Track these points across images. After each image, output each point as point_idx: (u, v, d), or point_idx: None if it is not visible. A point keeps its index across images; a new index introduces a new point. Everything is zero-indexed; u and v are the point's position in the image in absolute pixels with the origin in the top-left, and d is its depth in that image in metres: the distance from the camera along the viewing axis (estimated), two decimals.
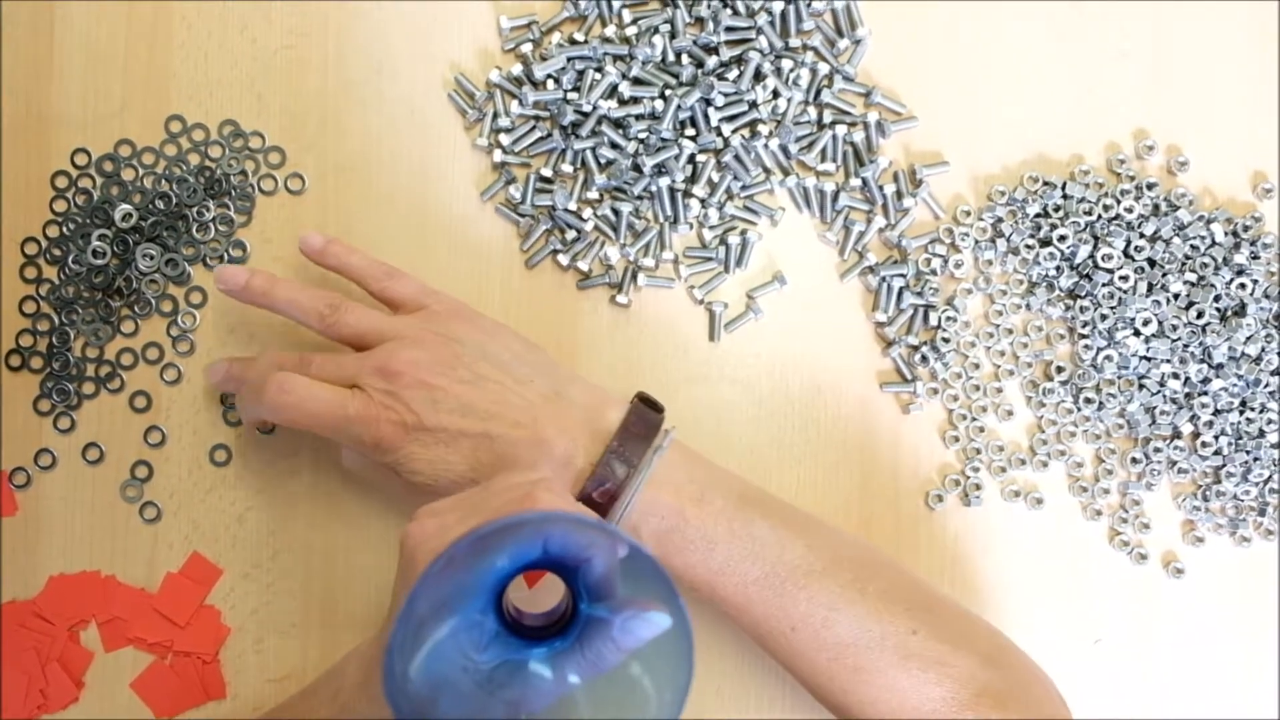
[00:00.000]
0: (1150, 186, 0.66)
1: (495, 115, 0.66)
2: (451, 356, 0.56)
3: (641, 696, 0.44)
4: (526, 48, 0.67)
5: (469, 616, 0.45)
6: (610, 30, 0.66)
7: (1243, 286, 0.65)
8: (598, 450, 0.55)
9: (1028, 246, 0.66)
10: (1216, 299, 0.65)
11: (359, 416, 0.55)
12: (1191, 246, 0.66)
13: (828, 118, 0.66)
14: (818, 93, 0.66)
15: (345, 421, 0.55)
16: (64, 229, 0.65)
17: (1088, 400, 0.65)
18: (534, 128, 0.66)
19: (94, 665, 0.64)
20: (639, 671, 0.45)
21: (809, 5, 0.66)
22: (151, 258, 0.65)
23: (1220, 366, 0.65)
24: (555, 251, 0.66)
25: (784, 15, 0.66)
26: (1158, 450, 0.65)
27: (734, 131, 0.65)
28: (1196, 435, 0.65)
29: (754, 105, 0.65)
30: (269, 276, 0.60)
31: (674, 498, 0.55)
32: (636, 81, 0.65)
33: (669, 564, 0.55)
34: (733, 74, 0.65)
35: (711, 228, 0.66)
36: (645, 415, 0.57)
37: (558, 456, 0.55)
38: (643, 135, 0.65)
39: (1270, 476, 0.65)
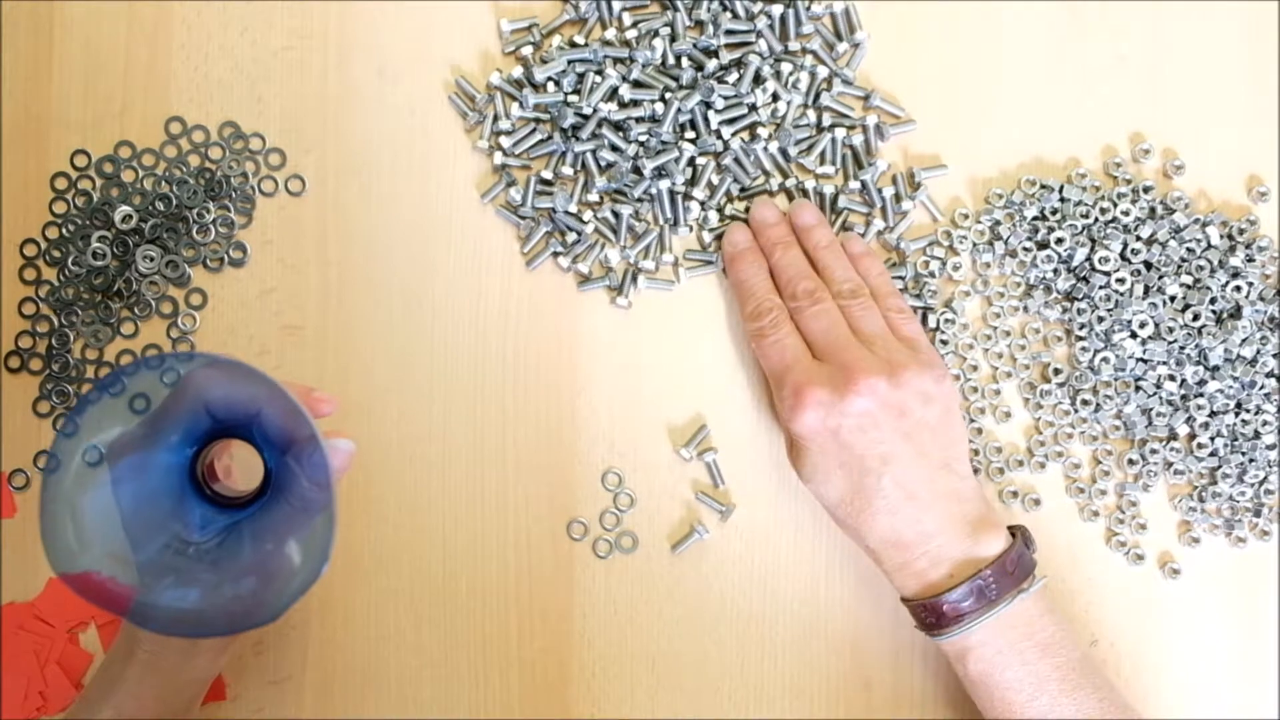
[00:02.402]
0: (1147, 190, 0.67)
1: (496, 118, 0.66)
2: (901, 411, 0.57)
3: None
4: (527, 50, 0.67)
5: (162, 502, 0.47)
6: (610, 33, 0.66)
7: (1238, 289, 0.65)
8: (966, 571, 0.56)
9: (1025, 249, 0.66)
10: (1212, 301, 0.65)
11: (799, 392, 0.57)
12: (1187, 249, 0.66)
13: (827, 121, 0.67)
14: (817, 96, 0.67)
15: (783, 386, 0.59)
16: (64, 230, 0.65)
17: (1085, 402, 0.66)
18: (534, 130, 0.66)
19: (93, 667, 0.63)
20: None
21: (808, 9, 0.67)
22: (151, 259, 0.65)
23: (1216, 368, 0.65)
24: (555, 253, 0.66)
25: (783, 19, 0.66)
26: (1154, 451, 0.66)
27: (734, 134, 0.66)
28: (1193, 437, 0.66)
29: (753, 108, 0.66)
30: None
31: (1021, 639, 0.56)
32: (636, 84, 0.65)
33: (990, 693, 0.57)
34: (732, 77, 0.66)
35: (711, 230, 0.66)
36: (1023, 558, 0.58)
37: (929, 553, 0.57)
38: (643, 138, 0.65)
39: (1266, 477, 0.65)
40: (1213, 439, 0.65)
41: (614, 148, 0.65)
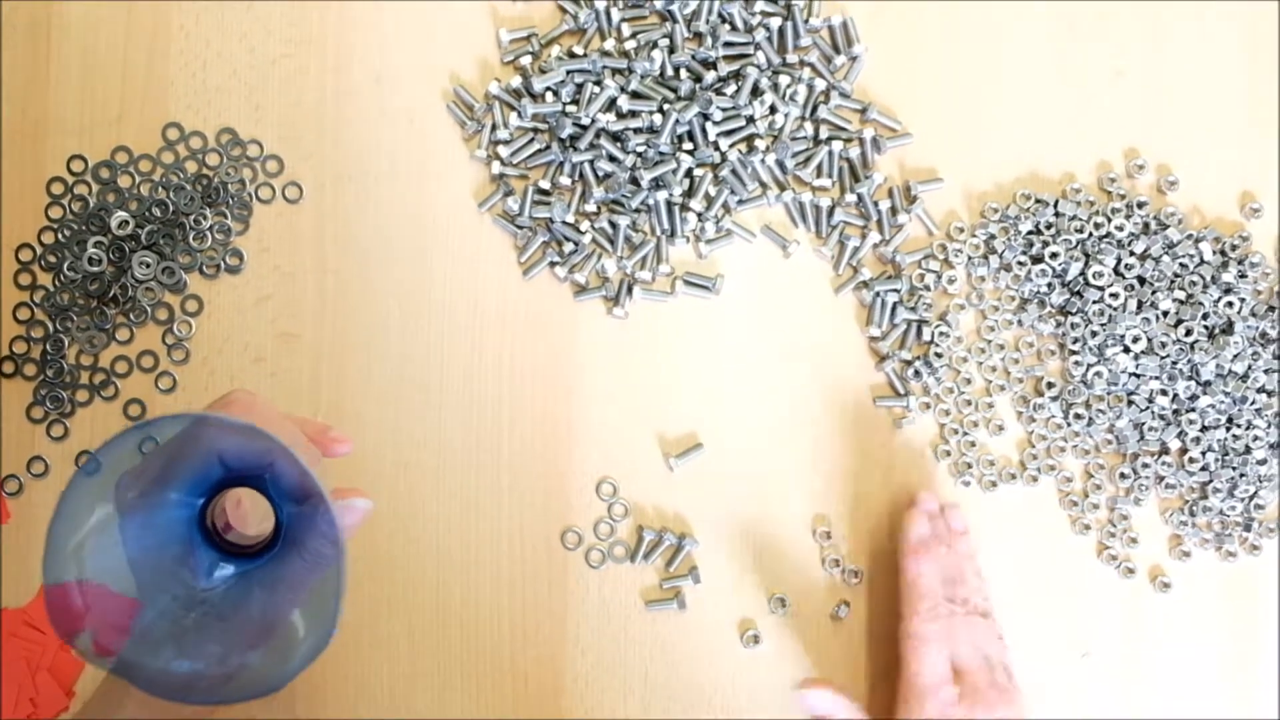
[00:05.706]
0: (1140, 205, 0.67)
1: (494, 127, 0.66)
2: None
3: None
4: (526, 60, 0.67)
5: (170, 548, 0.46)
6: (609, 44, 0.66)
7: (1230, 305, 0.66)
8: None
9: (1020, 263, 0.67)
10: (1205, 317, 0.66)
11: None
12: (1180, 265, 0.66)
13: (824, 133, 0.67)
14: (814, 109, 0.67)
15: (925, 701, 0.59)
16: (59, 236, 0.65)
17: (1077, 416, 0.66)
18: (532, 140, 0.66)
19: (85, 674, 0.63)
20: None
21: (806, 22, 0.67)
22: (148, 265, 0.64)
23: (1208, 383, 0.66)
24: (552, 263, 0.66)
25: (782, 31, 0.67)
26: (1146, 466, 0.66)
27: (731, 146, 0.66)
28: (1184, 451, 0.66)
29: (751, 120, 0.66)
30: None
31: None
32: (635, 95, 0.66)
33: None
34: (730, 89, 0.66)
35: (709, 241, 0.66)
36: None
37: None
38: (641, 149, 0.65)
39: (1256, 492, 0.66)
40: (1204, 454, 0.66)
41: (612, 158, 0.65)
